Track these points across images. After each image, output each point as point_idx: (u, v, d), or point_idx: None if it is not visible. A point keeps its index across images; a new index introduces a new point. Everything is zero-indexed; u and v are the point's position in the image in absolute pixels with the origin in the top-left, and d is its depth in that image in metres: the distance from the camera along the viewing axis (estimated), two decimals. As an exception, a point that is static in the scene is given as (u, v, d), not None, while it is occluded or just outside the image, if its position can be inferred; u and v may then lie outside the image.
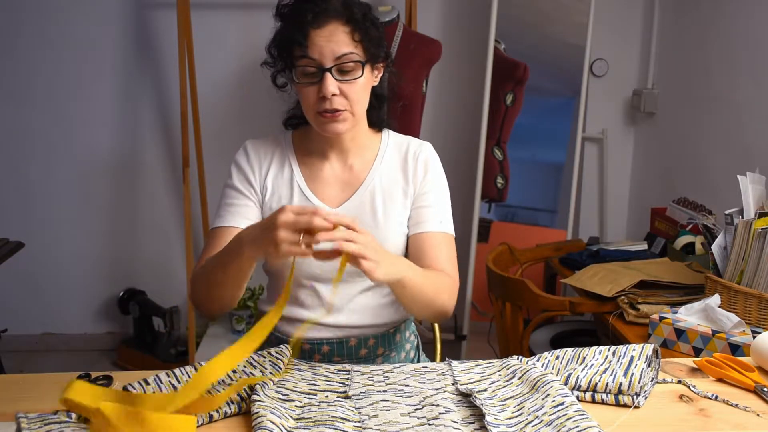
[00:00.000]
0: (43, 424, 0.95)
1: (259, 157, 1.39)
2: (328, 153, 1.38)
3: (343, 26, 1.25)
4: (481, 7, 2.95)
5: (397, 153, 1.40)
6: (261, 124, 1.45)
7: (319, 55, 1.23)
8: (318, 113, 1.27)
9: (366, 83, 1.29)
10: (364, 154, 1.39)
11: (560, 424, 0.96)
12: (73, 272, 3.19)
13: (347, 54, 1.24)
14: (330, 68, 1.23)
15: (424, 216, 1.36)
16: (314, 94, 1.25)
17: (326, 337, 1.37)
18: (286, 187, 1.37)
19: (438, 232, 1.36)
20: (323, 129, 1.29)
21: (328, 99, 1.24)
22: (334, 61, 1.23)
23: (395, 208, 1.36)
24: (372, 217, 1.35)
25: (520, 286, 2.04)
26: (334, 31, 1.24)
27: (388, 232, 1.35)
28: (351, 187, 1.37)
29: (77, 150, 3.07)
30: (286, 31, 1.26)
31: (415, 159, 1.39)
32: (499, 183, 2.97)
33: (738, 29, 2.42)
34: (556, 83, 3.07)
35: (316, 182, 1.37)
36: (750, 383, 1.15)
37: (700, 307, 1.68)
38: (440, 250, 1.35)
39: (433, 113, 3.06)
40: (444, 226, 1.38)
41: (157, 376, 1.09)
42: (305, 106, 1.29)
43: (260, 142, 1.41)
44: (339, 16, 1.25)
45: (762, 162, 1.95)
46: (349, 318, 1.37)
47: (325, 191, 1.37)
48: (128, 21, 2.99)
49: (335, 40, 1.23)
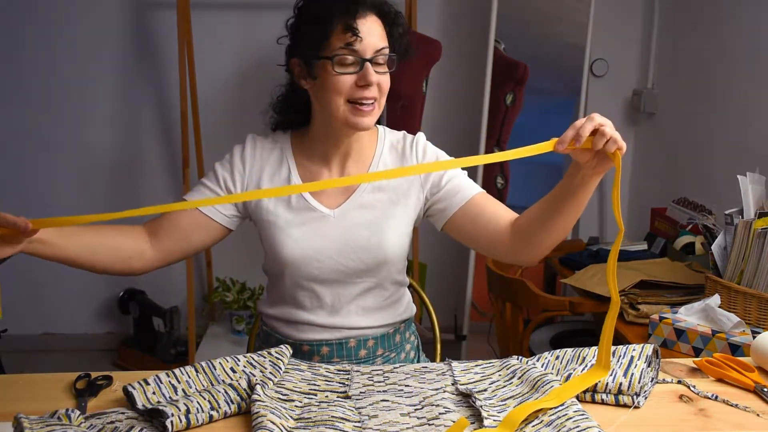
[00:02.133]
0: (44, 425, 0.95)
1: (255, 155, 1.38)
2: (330, 158, 1.37)
3: (378, 18, 1.27)
4: (481, 7, 2.95)
5: (393, 151, 1.40)
6: (261, 124, 1.44)
7: (361, 45, 1.23)
8: (350, 102, 1.26)
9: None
10: (363, 155, 1.39)
11: (560, 424, 0.96)
12: (73, 272, 3.13)
13: (383, 48, 1.26)
14: (371, 59, 1.24)
15: (458, 186, 1.35)
16: (350, 83, 1.24)
17: (325, 339, 1.37)
18: None
19: (479, 193, 1.36)
20: (352, 121, 1.27)
21: (370, 87, 1.24)
22: (374, 53, 1.25)
23: (395, 209, 1.35)
24: (372, 215, 1.34)
25: (520, 286, 2.04)
26: (373, 23, 1.26)
27: (387, 230, 1.34)
28: (349, 189, 1.36)
29: (77, 150, 3.07)
30: (329, 19, 1.24)
31: (414, 150, 1.38)
32: (499, 183, 2.97)
33: (738, 29, 2.42)
34: (556, 83, 3.07)
35: None
36: (750, 383, 1.15)
37: (700, 307, 1.68)
38: (495, 205, 1.35)
39: (433, 113, 3.05)
40: (477, 188, 1.37)
41: (157, 376, 1.09)
42: (333, 97, 1.25)
43: (262, 139, 1.40)
44: (375, 9, 1.27)
45: (762, 162, 1.95)
46: (348, 319, 1.37)
47: (324, 194, 1.35)
48: (128, 21, 2.99)
49: (375, 32, 1.25)
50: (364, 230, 1.33)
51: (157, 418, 0.99)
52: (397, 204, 1.36)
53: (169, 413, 0.98)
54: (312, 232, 1.33)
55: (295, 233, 1.33)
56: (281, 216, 1.34)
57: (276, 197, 1.35)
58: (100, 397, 1.10)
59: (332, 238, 1.33)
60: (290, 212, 1.34)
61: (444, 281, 3.23)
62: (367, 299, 1.38)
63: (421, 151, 1.39)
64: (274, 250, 1.34)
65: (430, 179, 1.36)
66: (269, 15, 3.02)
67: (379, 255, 1.34)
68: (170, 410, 0.99)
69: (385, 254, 1.34)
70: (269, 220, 1.34)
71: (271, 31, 1.29)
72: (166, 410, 0.98)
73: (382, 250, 1.33)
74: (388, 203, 1.35)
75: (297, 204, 1.34)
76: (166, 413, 0.98)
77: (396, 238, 1.35)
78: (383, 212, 1.35)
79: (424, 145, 1.40)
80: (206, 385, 1.10)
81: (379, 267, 1.35)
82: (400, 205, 1.36)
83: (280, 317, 1.40)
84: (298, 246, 1.32)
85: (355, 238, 1.33)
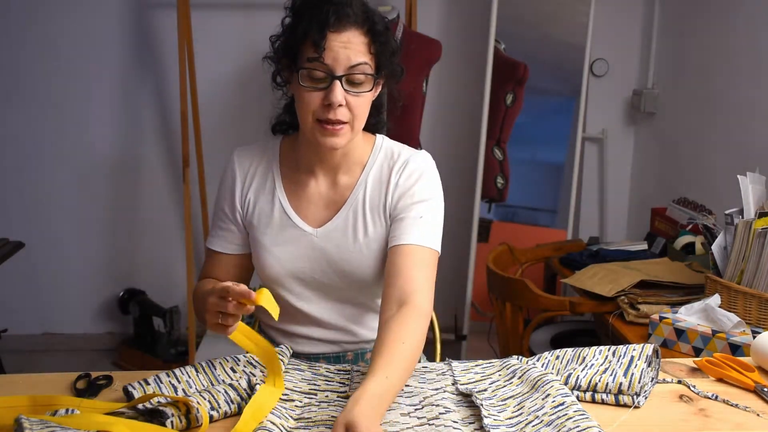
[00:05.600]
0: (45, 426, 0.95)
1: (243, 170, 1.33)
2: (316, 169, 1.30)
3: (361, 35, 1.17)
4: (481, 7, 2.95)
5: (385, 164, 1.30)
6: (261, 124, 1.43)
7: (332, 60, 1.14)
8: (318, 121, 1.18)
9: (371, 97, 1.23)
10: (352, 169, 1.30)
11: (560, 424, 0.96)
12: (73, 272, 3.19)
13: (360, 65, 1.16)
14: (341, 76, 1.15)
15: (405, 228, 1.24)
16: (318, 100, 1.16)
17: (323, 352, 1.36)
18: (267, 203, 1.31)
19: (419, 247, 1.22)
20: (320, 140, 1.20)
21: (333, 108, 1.16)
22: (347, 70, 1.15)
23: (377, 227, 1.28)
24: (353, 238, 1.28)
25: (520, 286, 2.04)
26: (351, 39, 1.16)
27: (368, 253, 1.28)
28: (335, 206, 1.30)
29: (77, 150, 3.07)
30: (300, 28, 1.16)
31: (400, 170, 1.28)
32: (499, 183, 2.97)
33: (738, 29, 2.42)
34: (556, 83, 3.07)
35: (300, 200, 1.30)
36: (750, 383, 1.15)
37: (700, 307, 1.68)
38: (419, 269, 1.20)
39: (433, 113, 3.06)
40: (425, 240, 1.23)
41: (157, 376, 1.09)
42: (303, 112, 1.19)
43: (247, 151, 1.35)
44: (359, 24, 1.17)
45: (762, 162, 1.95)
46: (343, 334, 1.35)
47: (308, 210, 1.30)
48: (128, 21, 2.99)
49: (352, 48, 1.15)
50: (345, 253, 1.28)
51: (157, 418, 0.99)
52: (377, 220, 1.29)
53: (169, 413, 0.98)
54: (294, 252, 1.29)
55: (277, 252, 1.29)
56: (266, 234, 1.31)
57: (260, 213, 1.31)
58: (100, 397, 1.10)
59: (314, 260, 1.28)
60: (274, 230, 1.30)
61: (444, 281, 3.22)
62: (359, 316, 1.35)
63: (405, 176, 1.27)
64: (258, 267, 1.32)
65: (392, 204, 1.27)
66: (269, 15, 3.00)
67: (359, 277, 1.29)
68: (170, 410, 0.99)
69: (364, 277, 1.29)
70: (255, 237, 1.32)
71: (270, 31, 1.27)
72: (166, 410, 0.99)
73: (361, 273, 1.29)
74: (370, 221, 1.28)
75: (280, 221, 1.30)
76: (166, 413, 0.98)
77: (376, 259, 1.28)
78: (364, 231, 1.28)
79: (413, 170, 1.28)
80: (206, 385, 1.10)
81: (364, 288, 1.31)
82: (377, 225, 1.28)
83: (278, 328, 1.38)
84: (279, 265, 1.29)
85: (336, 261, 1.28)
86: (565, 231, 2.96)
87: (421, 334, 1.12)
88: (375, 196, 1.28)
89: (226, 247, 1.35)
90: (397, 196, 1.27)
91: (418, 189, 1.27)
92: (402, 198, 1.27)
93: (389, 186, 1.28)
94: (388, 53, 1.22)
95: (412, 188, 1.27)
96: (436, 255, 1.25)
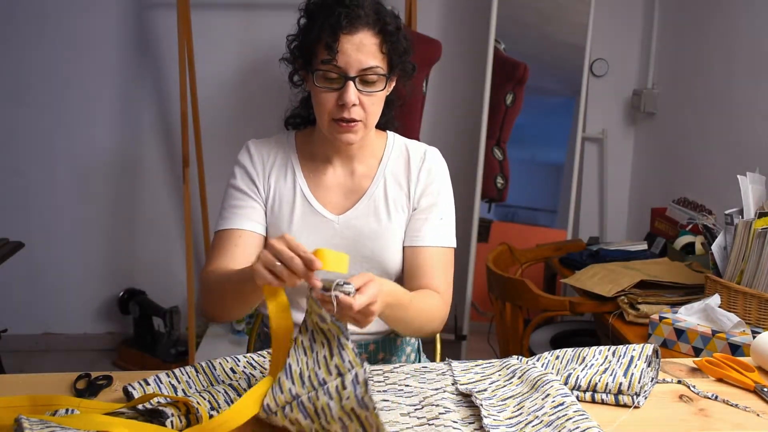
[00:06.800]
0: (44, 426, 0.95)
1: (261, 158, 1.36)
2: (333, 159, 1.36)
3: (373, 36, 1.21)
4: (481, 7, 2.95)
5: (401, 159, 1.36)
6: (261, 124, 1.44)
7: (345, 63, 1.19)
8: (333, 120, 1.24)
9: (383, 95, 1.27)
10: (368, 161, 1.37)
11: (560, 425, 0.96)
12: (73, 272, 3.19)
13: (373, 67, 1.21)
14: (354, 78, 1.20)
15: (422, 228, 1.32)
16: (332, 100, 1.22)
17: None
18: (289, 191, 1.35)
19: (436, 247, 1.32)
20: (336, 137, 1.26)
21: (347, 108, 1.21)
22: (359, 71, 1.20)
23: (398, 218, 1.34)
24: (376, 226, 1.33)
25: (520, 286, 2.04)
26: (363, 40, 1.20)
27: (390, 242, 1.33)
28: (355, 195, 1.35)
29: (77, 150, 3.07)
30: (313, 31, 1.21)
31: (419, 167, 1.35)
32: (499, 183, 2.97)
33: (738, 29, 2.42)
34: (556, 83, 3.08)
35: (320, 188, 1.35)
36: (750, 383, 1.15)
37: (700, 307, 1.68)
38: (437, 267, 1.31)
39: (433, 113, 3.06)
40: (444, 239, 1.33)
41: (157, 376, 1.10)
42: (320, 111, 1.25)
43: (263, 142, 1.39)
44: (371, 25, 1.21)
45: (762, 162, 1.95)
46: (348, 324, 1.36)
47: (328, 197, 1.35)
48: (128, 21, 2.99)
49: (364, 50, 1.20)
50: (368, 241, 1.32)
51: (157, 418, 0.99)
52: (398, 212, 1.34)
53: (169, 413, 0.98)
54: (315, 239, 1.31)
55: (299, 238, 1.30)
56: (288, 220, 1.32)
57: (281, 200, 1.32)
58: (100, 397, 1.10)
59: (334, 247, 1.30)
60: (296, 216, 1.33)
61: (444, 281, 3.22)
62: None
63: (424, 173, 1.34)
64: None
65: (414, 201, 1.34)
66: (269, 15, 3.03)
67: (381, 266, 1.33)
68: (170, 410, 0.99)
69: (387, 265, 1.33)
70: (275, 224, 1.33)
71: (271, 31, 1.28)
72: (166, 410, 0.99)
73: (384, 261, 1.33)
74: (392, 211, 1.33)
75: (302, 207, 1.33)
76: (165, 413, 0.98)
77: (398, 248, 1.33)
78: (387, 220, 1.33)
79: (429, 168, 1.35)
80: (206, 385, 1.10)
81: (383, 276, 1.33)
82: (401, 213, 1.34)
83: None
84: None
85: (359, 249, 1.32)
86: (565, 231, 2.96)
87: (438, 309, 1.26)
88: (394, 190, 1.34)
89: (246, 224, 1.31)
90: (419, 193, 1.34)
91: (437, 187, 1.35)
92: (424, 195, 1.34)
93: (410, 181, 1.35)
94: (400, 52, 1.26)
95: (432, 185, 1.34)
96: (454, 250, 1.37)
